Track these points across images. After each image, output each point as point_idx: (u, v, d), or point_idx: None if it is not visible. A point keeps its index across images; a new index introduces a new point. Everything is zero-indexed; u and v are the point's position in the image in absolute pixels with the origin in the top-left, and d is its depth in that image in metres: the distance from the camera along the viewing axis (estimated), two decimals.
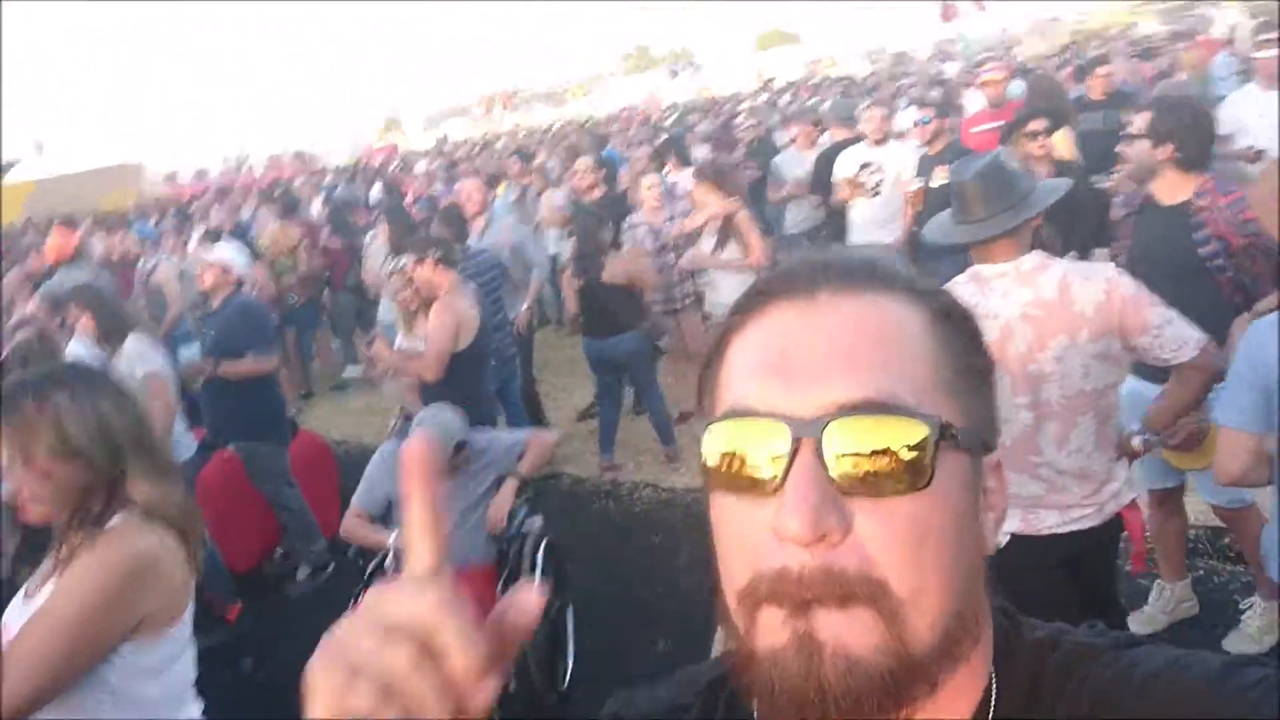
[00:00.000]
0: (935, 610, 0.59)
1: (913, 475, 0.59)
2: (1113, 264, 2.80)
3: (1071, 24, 34.08)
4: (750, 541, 0.61)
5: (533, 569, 3.77)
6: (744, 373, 0.64)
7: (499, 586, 3.74)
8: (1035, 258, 2.58)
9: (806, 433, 0.59)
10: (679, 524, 5.34)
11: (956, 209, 2.69)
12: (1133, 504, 2.73)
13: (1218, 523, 3.82)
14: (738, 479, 0.62)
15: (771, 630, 0.60)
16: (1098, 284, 2.50)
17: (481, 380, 4.88)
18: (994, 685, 0.66)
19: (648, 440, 6.33)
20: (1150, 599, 3.75)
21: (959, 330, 0.66)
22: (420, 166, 17.21)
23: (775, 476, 0.59)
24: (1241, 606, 3.65)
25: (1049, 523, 2.57)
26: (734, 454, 0.62)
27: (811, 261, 0.68)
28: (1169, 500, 3.60)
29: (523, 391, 6.24)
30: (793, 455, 0.59)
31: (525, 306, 6.33)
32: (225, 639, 4.21)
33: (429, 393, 4.35)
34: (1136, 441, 2.70)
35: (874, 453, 0.58)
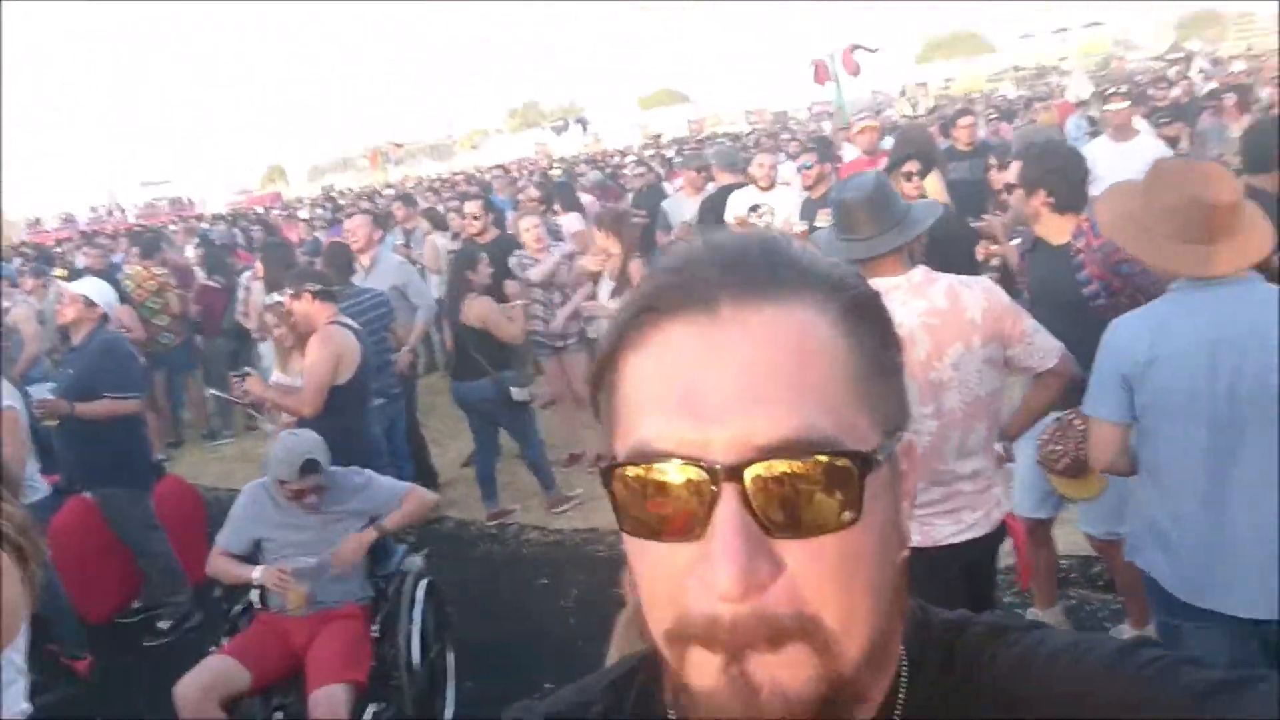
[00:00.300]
0: (865, 632, 0.58)
1: (841, 513, 0.57)
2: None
3: (938, 89, 36.13)
4: (674, 585, 0.58)
5: (411, 607, 3.64)
6: (649, 407, 0.59)
7: (376, 625, 3.58)
8: (922, 271, 2.68)
9: (728, 477, 0.56)
10: (566, 566, 5.27)
11: (843, 226, 2.75)
12: (1011, 514, 2.82)
13: (1088, 552, 3.96)
14: (654, 524, 0.58)
15: (704, 672, 0.58)
16: (979, 292, 2.65)
17: (362, 417, 4.73)
18: (906, 665, 0.66)
19: (534, 483, 6.24)
20: None
21: (868, 321, 0.63)
22: (304, 213, 16.86)
23: (696, 523, 0.56)
24: (1112, 634, 3.78)
25: (945, 533, 2.63)
26: (647, 498, 0.58)
27: (706, 263, 0.61)
28: (1039, 530, 3.70)
29: (406, 435, 6.09)
30: (713, 501, 0.56)
31: (406, 348, 6.19)
32: (74, 692, 3.91)
33: (307, 429, 4.18)
34: (999, 447, 2.81)
35: (800, 494, 0.56)
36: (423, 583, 3.75)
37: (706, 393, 0.57)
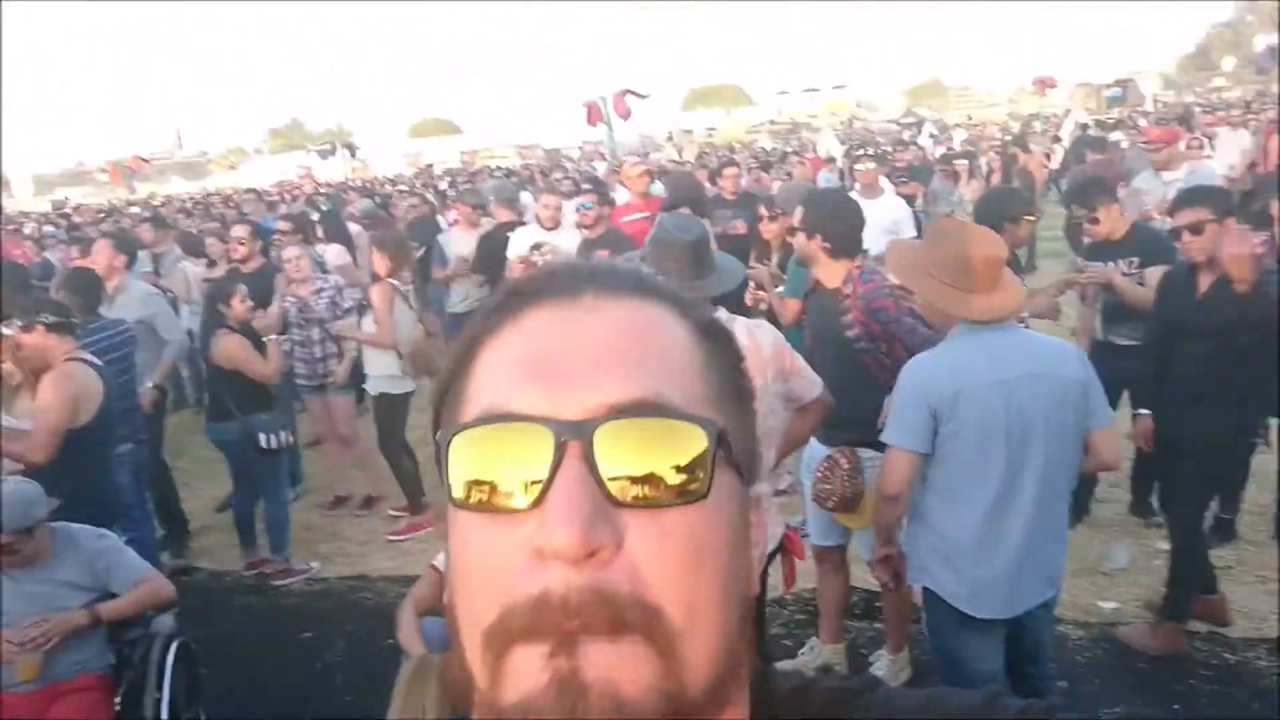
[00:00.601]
0: (710, 645, 0.54)
1: (690, 485, 0.54)
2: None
3: (702, 137, 37.97)
4: (502, 567, 0.53)
5: (160, 674, 3.32)
6: (499, 376, 0.57)
7: (118, 697, 3.24)
8: (724, 313, 2.92)
9: (573, 436, 0.53)
10: (332, 617, 5.00)
11: (666, 264, 2.86)
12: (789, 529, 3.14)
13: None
14: (490, 495, 0.54)
15: (526, 673, 0.51)
16: (767, 332, 2.97)
17: (102, 465, 4.28)
18: None
19: (299, 529, 5.90)
20: (801, 651, 4.04)
21: (723, 347, 0.63)
22: (31, 230, 15.25)
23: (537, 488, 0.53)
24: (871, 659, 3.98)
25: None
26: (487, 465, 0.54)
27: (573, 265, 0.63)
28: (830, 558, 3.89)
29: (152, 479, 5.58)
30: (558, 462, 0.52)
31: (151, 384, 5.68)
32: None
33: (39, 478, 3.73)
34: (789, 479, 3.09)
35: (649, 459, 0.53)
36: (173, 645, 3.43)
37: (560, 362, 0.56)
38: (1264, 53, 28.08)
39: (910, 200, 8.65)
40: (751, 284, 5.16)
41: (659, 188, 8.16)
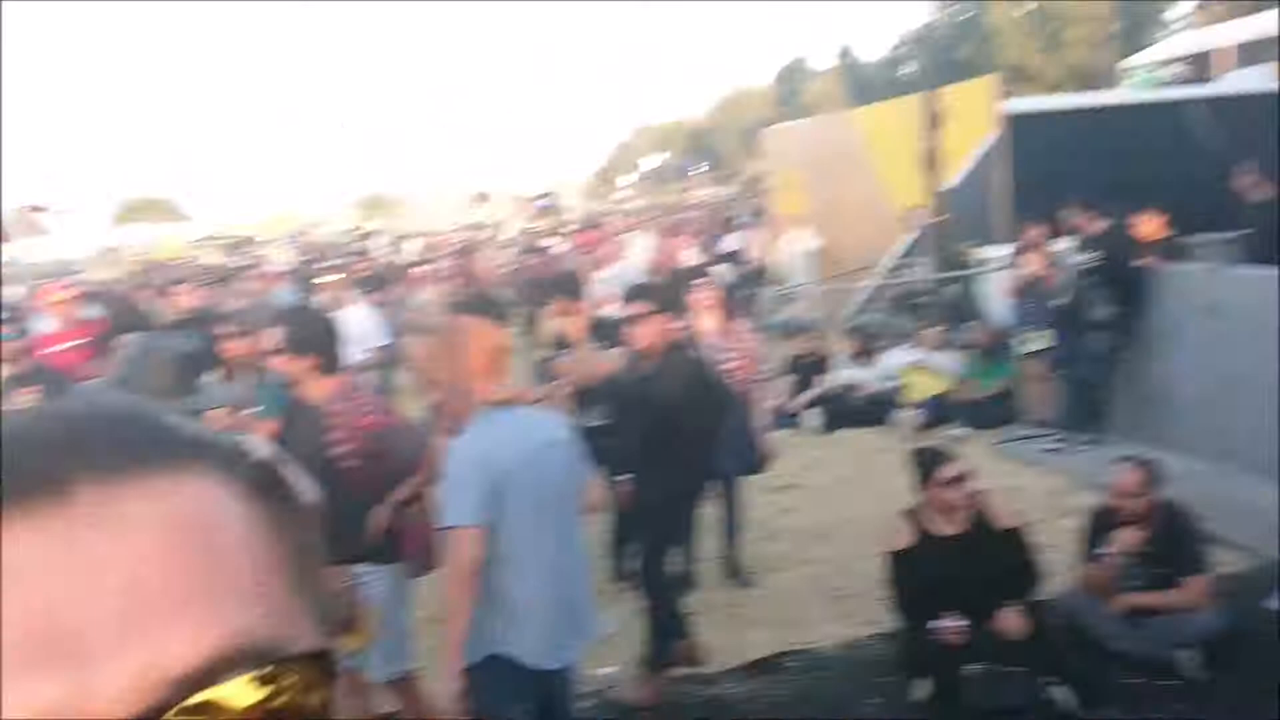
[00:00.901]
0: None
1: None
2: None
3: (136, 252, 34.82)
4: None
5: None
6: None
7: None
8: None
9: None
10: None
11: (148, 385, 2.86)
12: None
13: None
14: None
15: None
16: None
17: None
18: None
19: None
20: None
21: (283, 495, 0.46)
22: None
23: None
24: None
25: None
26: None
27: (46, 435, 0.40)
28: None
29: None
30: None
31: None
32: None
33: None
34: None
35: None
36: None
37: (74, 623, 0.36)
38: (655, 170, 33.84)
39: (379, 307, 8.78)
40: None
41: (93, 311, 7.35)
